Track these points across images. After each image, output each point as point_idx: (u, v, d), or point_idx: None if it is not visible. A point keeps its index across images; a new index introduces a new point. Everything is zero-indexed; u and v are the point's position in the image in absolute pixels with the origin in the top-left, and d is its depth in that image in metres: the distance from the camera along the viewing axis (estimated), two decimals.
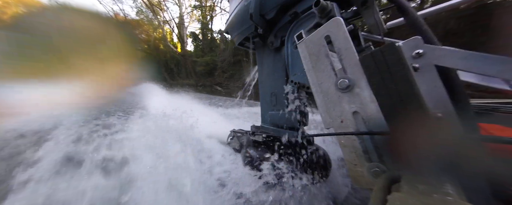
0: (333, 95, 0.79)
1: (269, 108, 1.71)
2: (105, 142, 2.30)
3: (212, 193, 1.58)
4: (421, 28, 0.85)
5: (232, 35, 1.96)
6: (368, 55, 0.68)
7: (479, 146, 0.56)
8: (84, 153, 2.01)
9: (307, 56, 0.88)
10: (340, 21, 0.77)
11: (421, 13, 1.74)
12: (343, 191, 1.57)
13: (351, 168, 0.77)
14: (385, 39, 1.43)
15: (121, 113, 4.55)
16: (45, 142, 2.36)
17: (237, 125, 2.72)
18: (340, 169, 1.83)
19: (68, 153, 2.03)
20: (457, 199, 0.42)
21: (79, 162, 1.85)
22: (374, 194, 0.46)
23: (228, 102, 7.62)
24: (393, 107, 0.63)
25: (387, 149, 0.68)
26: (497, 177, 0.52)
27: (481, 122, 0.93)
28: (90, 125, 3.15)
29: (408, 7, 0.95)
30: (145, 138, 2.32)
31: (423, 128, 0.57)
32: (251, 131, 1.85)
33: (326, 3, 1.00)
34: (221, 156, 2.09)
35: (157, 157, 1.87)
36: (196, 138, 2.45)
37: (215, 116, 4.48)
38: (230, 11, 1.84)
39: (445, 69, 0.68)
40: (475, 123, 0.73)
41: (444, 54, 0.66)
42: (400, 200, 0.40)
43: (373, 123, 0.70)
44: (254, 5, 1.46)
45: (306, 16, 1.25)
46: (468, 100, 0.72)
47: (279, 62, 1.59)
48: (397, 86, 0.62)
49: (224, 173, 1.80)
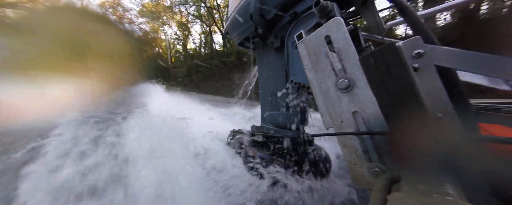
0: (333, 95, 0.79)
1: (269, 107, 1.71)
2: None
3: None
4: (421, 28, 0.85)
5: (232, 35, 1.96)
6: (368, 55, 0.68)
7: (479, 146, 0.56)
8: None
9: (307, 56, 0.88)
10: (340, 21, 0.77)
11: (421, 14, 1.74)
12: (343, 191, 1.57)
13: (351, 168, 0.77)
14: (385, 39, 1.43)
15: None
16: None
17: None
18: (340, 169, 1.83)
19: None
20: (457, 199, 0.42)
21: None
22: (374, 194, 0.46)
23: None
24: (393, 107, 0.63)
25: (387, 149, 0.68)
26: (497, 177, 0.52)
27: (481, 122, 0.93)
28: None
29: (408, 7, 0.95)
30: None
31: (423, 128, 0.56)
32: (251, 131, 1.85)
33: (326, 3, 1.00)
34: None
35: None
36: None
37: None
38: (230, 11, 1.84)
39: (445, 69, 0.68)
40: (475, 123, 0.73)
41: (444, 54, 0.66)
42: (400, 200, 0.40)
43: (373, 123, 0.70)
44: (254, 5, 1.46)
45: (306, 16, 1.25)
46: (468, 100, 0.72)
47: (279, 62, 1.59)
48: (397, 86, 0.62)
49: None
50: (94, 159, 1.85)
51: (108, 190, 1.45)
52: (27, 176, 1.59)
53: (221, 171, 1.80)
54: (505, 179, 0.52)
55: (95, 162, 1.80)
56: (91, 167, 1.72)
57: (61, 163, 1.77)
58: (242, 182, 1.59)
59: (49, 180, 1.54)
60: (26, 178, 1.57)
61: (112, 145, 2.18)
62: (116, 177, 1.60)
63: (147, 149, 2.06)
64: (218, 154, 2.16)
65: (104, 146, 2.14)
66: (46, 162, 1.82)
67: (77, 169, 1.68)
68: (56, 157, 1.88)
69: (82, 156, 1.91)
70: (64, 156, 1.90)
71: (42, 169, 1.69)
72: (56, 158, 1.87)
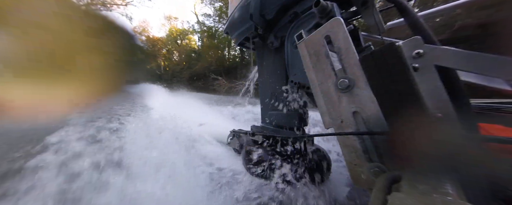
0: (333, 96, 0.79)
1: (269, 108, 1.71)
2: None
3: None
4: (421, 28, 0.84)
5: (232, 35, 1.96)
6: (368, 55, 0.68)
7: (479, 146, 0.56)
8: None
9: (307, 56, 0.88)
10: (340, 21, 0.77)
11: (421, 14, 1.74)
12: (343, 191, 1.57)
13: (351, 168, 0.77)
14: (385, 39, 1.43)
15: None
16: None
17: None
18: (340, 169, 1.83)
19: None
20: (457, 199, 0.42)
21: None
22: (374, 194, 0.46)
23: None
24: (393, 107, 0.63)
25: (387, 149, 0.68)
26: (497, 177, 0.52)
27: (481, 122, 0.93)
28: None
29: (408, 7, 0.95)
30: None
31: (423, 128, 0.56)
32: (251, 131, 1.85)
33: (326, 3, 1.00)
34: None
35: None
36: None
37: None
38: (230, 11, 1.84)
39: (445, 69, 0.68)
40: (475, 123, 0.73)
41: (444, 54, 0.66)
42: (400, 200, 0.40)
43: (373, 123, 0.70)
44: (254, 5, 1.46)
45: (306, 16, 1.25)
46: (468, 100, 0.72)
47: (279, 62, 1.59)
48: (397, 86, 0.62)
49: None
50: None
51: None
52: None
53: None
54: (505, 179, 0.52)
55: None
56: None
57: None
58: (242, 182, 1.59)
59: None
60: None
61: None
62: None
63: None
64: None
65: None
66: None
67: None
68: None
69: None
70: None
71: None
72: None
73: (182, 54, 31.60)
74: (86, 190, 1.42)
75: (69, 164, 1.72)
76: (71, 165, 1.71)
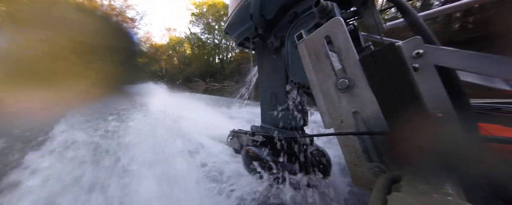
0: (333, 96, 0.79)
1: (269, 107, 1.71)
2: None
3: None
4: (421, 28, 0.84)
5: (231, 35, 1.96)
6: (368, 55, 0.68)
7: (479, 146, 0.56)
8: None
9: (307, 56, 0.88)
10: (340, 21, 0.77)
11: (421, 14, 1.74)
12: (343, 191, 1.57)
13: (351, 168, 0.77)
14: (385, 39, 1.43)
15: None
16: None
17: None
18: (340, 169, 1.83)
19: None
20: (457, 199, 0.42)
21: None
22: (374, 194, 0.46)
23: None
24: (393, 107, 0.63)
25: (387, 149, 0.68)
26: (497, 177, 0.52)
27: (481, 122, 0.93)
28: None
29: (408, 7, 0.95)
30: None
31: (423, 128, 0.56)
32: (251, 131, 1.85)
33: (326, 3, 1.00)
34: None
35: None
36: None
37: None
38: (230, 11, 1.84)
39: (445, 69, 0.68)
40: (475, 123, 0.73)
41: (444, 54, 0.66)
42: (400, 200, 0.40)
43: (373, 123, 0.70)
44: (254, 5, 1.46)
45: (306, 16, 1.25)
46: (468, 100, 0.72)
47: (279, 62, 1.59)
48: (397, 86, 0.62)
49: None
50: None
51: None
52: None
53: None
54: (505, 179, 0.52)
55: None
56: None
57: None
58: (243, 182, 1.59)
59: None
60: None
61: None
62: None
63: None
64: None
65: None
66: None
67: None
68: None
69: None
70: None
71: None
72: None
73: (180, 59, 39.33)
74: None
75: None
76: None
